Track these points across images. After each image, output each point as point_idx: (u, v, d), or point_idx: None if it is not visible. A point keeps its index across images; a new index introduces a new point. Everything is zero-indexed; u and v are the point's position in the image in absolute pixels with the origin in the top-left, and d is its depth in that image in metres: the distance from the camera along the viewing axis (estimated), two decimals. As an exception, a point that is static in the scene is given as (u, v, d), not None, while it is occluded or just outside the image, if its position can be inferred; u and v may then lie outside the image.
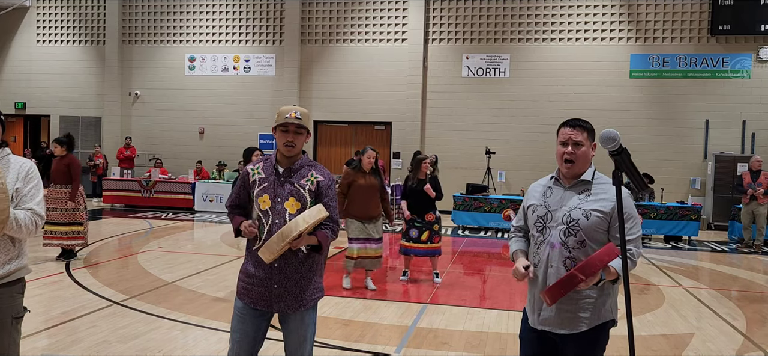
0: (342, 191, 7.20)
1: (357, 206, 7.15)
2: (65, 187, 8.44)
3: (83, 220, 8.62)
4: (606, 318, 2.77)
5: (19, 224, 2.69)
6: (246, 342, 3.07)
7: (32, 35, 19.52)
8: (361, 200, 7.14)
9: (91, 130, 19.21)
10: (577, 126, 2.80)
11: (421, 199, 7.67)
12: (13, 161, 2.85)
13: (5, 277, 2.76)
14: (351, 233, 7.18)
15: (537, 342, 2.86)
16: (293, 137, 3.05)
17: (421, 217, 7.72)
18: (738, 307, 7.16)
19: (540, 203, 2.87)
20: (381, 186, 7.28)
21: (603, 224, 2.72)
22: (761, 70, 15.34)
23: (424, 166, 7.72)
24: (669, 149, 15.72)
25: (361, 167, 7.20)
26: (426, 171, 7.75)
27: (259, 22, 17.95)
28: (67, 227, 8.46)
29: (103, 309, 6.13)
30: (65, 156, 8.49)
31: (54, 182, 8.47)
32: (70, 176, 8.41)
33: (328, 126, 17.83)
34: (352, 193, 7.17)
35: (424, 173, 7.73)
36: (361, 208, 7.15)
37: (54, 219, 8.39)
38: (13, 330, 2.80)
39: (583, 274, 2.55)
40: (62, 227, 8.44)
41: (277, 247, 2.85)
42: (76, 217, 8.50)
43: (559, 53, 16.21)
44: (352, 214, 7.17)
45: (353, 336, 5.52)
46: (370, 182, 7.18)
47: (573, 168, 2.80)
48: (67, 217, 8.44)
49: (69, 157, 8.51)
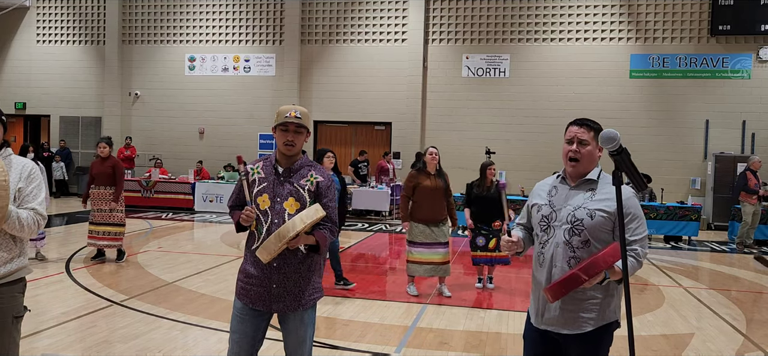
0: (407, 194, 6.97)
1: (423, 209, 6.88)
2: (107, 188, 8.45)
3: (124, 221, 8.70)
4: (610, 318, 2.75)
5: (21, 223, 2.69)
6: (245, 342, 3.07)
7: (32, 35, 19.52)
8: (428, 203, 6.88)
9: (91, 130, 19.21)
10: (584, 125, 2.79)
11: (488, 206, 7.33)
12: (15, 161, 2.85)
13: (6, 276, 2.76)
14: (415, 238, 6.92)
15: (540, 341, 2.85)
16: (293, 136, 3.05)
17: (487, 225, 7.40)
18: (738, 307, 7.16)
19: (545, 202, 2.86)
20: (447, 189, 7.03)
21: (607, 224, 2.70)
22: (761, 70, 15.34)
23: (489, 172, 7.41)
24: (669, 149, 15.72)
25: (426, 168, 6.94)
26: (492, 178, 7.43)
27: (259, 22, 17.95)
28: (111, 228, 8.50)
29: (103, 309, 6.13)
30: (109, 158, 8.52)
31: (96, 183, 8.48)
32: (114, 177, 8.44)
33: (328, 126, 17.83)
34: (417, 196, 6.90)
35: (490, 180, 7.41)
36: (427, 211, 6.89)
37: (98, 219, 8.45)
38: (13, 329, 2.80)
39: (586, 274, 2.54)
40: (106, 227, 8.49)
41: (274, 247, 2.85)
42: (119, 218, 8.56)
43: (559, 53, 16.20)
44: (418, 218, 6.91)
45: (353, 336, 5.52)
46: (435, 183, 6.91)
47: (578, 167, 2.79)
48: (110, 218, 8.47)
49: (113, 159, 8.56)
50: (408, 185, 6.99)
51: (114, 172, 8.44)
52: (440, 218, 6.97)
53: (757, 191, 11.57)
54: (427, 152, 6.96)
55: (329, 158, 7.01)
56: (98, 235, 8.51)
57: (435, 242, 6.92)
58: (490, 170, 7.43)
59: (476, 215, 7.42)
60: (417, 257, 6.95)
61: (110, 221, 8.48)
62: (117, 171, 8.48)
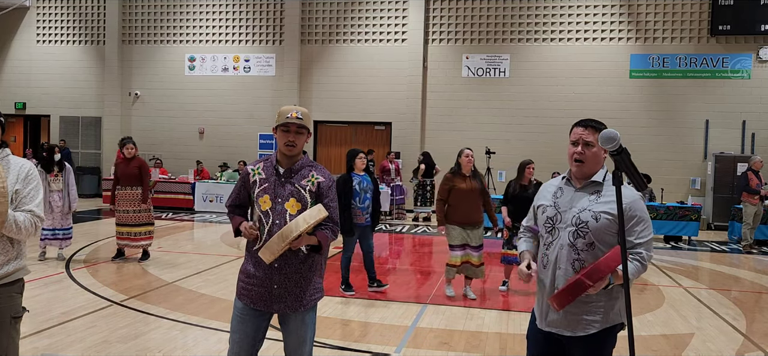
0: (441, 197, 6.90)
1: (459, 212, 6.82)
2: (134, 188, 8.46)
3: (153, 220, 8.73)
4: (615, 321, 2.74)
5: (18, 226, 2.68)
6: (246, 342, 3.07)
7: (32, 35, 19.52)
8: (463, 206, 6.82)
9: (91, 130, 19.21)
10: (589, 126, 2.77)
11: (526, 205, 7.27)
12: (13, 162, 2.84)
13: (4, 277, 2.76)
14: (452, 241, 6.86)
15: (544, 342, 2.84)
16: (294, 137, 3.05)
17: None
18: (738, 307, 7.16)
19: (550, 204, 2.84)
20: (483, 190, 6.97)
21: (612, 226, 2.68)
22: (761, 70, 15.34)
23: (528, 171, 7.29)
24: (669, 149, 15.72)
25: (461, 170, 6.89)
26: (530, 177, 7.31)
27: (259, 22, 17.95)
28: (139, 228, 8.52)
29: (103, 309, 6.13)
30: (134, 158, 8.52)
31: (122, 184, 8.49)
32: (140, 177, 8.45)
33: (328, 126, 17.83)
34: (452, 198, 6.84)
35: (528, 179, 7.30)
36: (463, 214, 6.82)
37: (126, 221, 8.47)
38: (12, 329, 2.80)
39: (591, 280, 2.53)
40: (134, 228, 8.50)
41: (277, 248, 2.85)
42: (147, 217, 8.58)
43: (559, 53, 16.20)
44: (454, 220, 6.85)
45: (353, 336, 5.52)
46: (471, 185, 6.86)
47: (583, 168, 2.77)
48: (139, 218, 8.48)
49: (138, 159, 8.57)
50: (443, 188, 6.92)
51: (140, 172, 8.45)
52: (476, 221, 6.90)
53: (759, 191, 11.57)
54: (463, 154, 6.91)
55: (361, 159, 7.03)
56: (126, 236, 8.53)
57: (467, 244, 6.86)
58: (529, 168, 7.32)
59: (514, 215, 7.27)
60: (457, 260, 6.87)
61: (139, 221, 8.49)
62: (143, 171, 8.49)
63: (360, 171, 7.09)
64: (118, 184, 8.54)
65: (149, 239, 8.68)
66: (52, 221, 8.48)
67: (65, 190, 8.56)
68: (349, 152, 7.16)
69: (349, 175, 7.00)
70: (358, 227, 6.97)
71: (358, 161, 7.03)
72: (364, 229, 7.06)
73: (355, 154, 7.06)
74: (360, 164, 7.04)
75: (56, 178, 8.51)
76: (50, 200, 8.44)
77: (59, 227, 8.53)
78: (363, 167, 7.07)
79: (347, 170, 7.08)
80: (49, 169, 8.50)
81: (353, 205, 6.90)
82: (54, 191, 8.49)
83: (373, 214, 7.12)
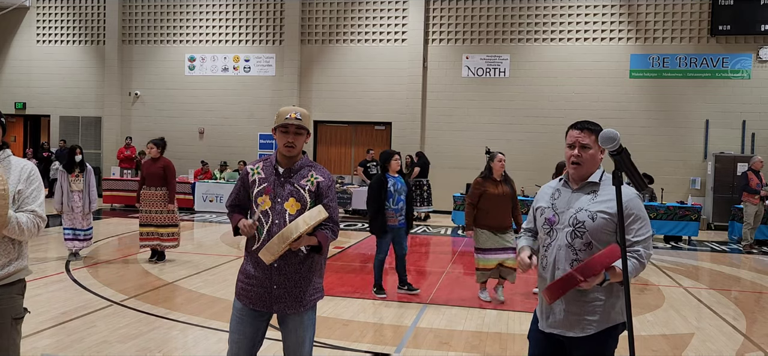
0: (472, 201, 6.83)
1: (490, 216, 6.75)
2: (158, 189, 8.45)
3: (178, 221, 8.71)
4: (615, 321, 2.74)
5: (21, 226, 2.68)
6: (245, 342, 3.06)
7: (32, 35, 19.52)
8: (495, 210, 6.75)
9: (91, 130, 19.22)
10: (585, 129, 2.79)
11: None
12: (14, 162, 2.84)
13: (5, 278, 2.76)
14: (483, 244, 6.78)
15: (545, 342, 2.85)
16: (293, 137, 3.05)
17: None
18: (738, 307, 7.16)
19: (548, 205, 2.87)
20: (513, 194, 6.92)
21: (609, 225, 2.70)
22: (761, 70, 15.34)
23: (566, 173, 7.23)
24: (669, 149, 15.72)
25: (492, 174, 6.80)
26: None
27: (259, 22, 17.95)
28: (164, 229, 8.52)
29: (103, 309, 6.13)
30: (159, 158, 8.50)
31: (148, 184, 8.48)
32: (164, 178, 8.43)
33: (328, 126, 17.83)
34: (483, 203, 6.77)
35: None
36: (493, 218, 6.75)
37: (150, 221, 8.46)
38: (12, 331, 2.80)
39: (582, 275, 2.53)
40: (159, 228, 8.50)
41: (277, 249, 2.85)
42: (172, 219, 8.57)
43: (559, 53, 16.20)
44: (484, 224, 6.78)
45: (353, 336, 5.52)
46: (502, 190, 6.80)
47: (580, 170, 2.80)
48: (163, 219, 8.48)
49: (163, 159, 8.53)
50: (474, 192, 6.83)
51: (164, 173, 8.43)
52: (506, 225, 6.85)
53: (759, 191, 11.57)
54: (496, 158, 6.82)
55: (396, 161, 6.94)
56: (151, 236, 8.52)
57: (505, 247, 6.78)
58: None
59: None
60: (486, 264, 6.82)
61: (164, 222, 8.48)
62: (168, 172, 8.47)
63: (394, 173, 6.98)
64: (144, 184, 8.54)
65: (173, 242, 8.63)
66: (73, 221, 8.48)
67: (86, 190, 8.54)
68: (383, 153, 7.06)
69: (384, 176, 6.91)
70: (391, 229, 6.89)
71: (392, 163, 6.92)
72: (397, 231, 6.98)
73: (390, 155, 6.95)
74: (395, 165, 6.93)
75: (77, 178, 8.50)
76: (71, 201, 8.42)
77: (80, 227, 8.54)
78: (398, 168, 6.96)
79: (381, 171, 6.99)
80: (70, 169, 8.49)
81: (387, 207, 6.83)
82: (75, 191, 8.48)
83: (407, 216, 7.04)
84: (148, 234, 8.52)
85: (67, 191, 8.44)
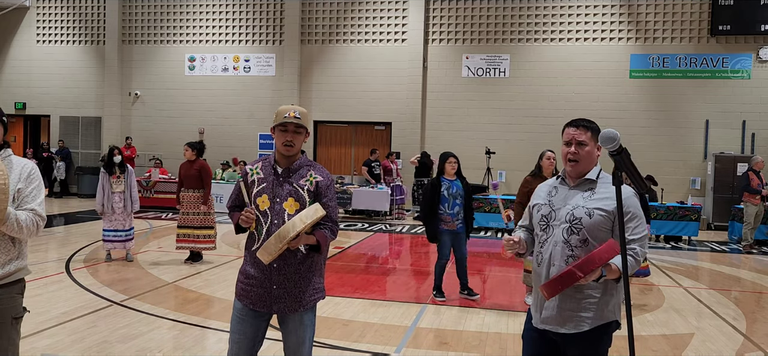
0: (522, 200, 6.58)
1: None
2: (195, 191, 8.48)
3: (214, 224, 8.72)
4: (609, 318, 2.75)
5: (19, 224, 2.69)
6: (245, 343, 3.06)
7: (32, 35, 19.52)
8: None
9: (91, 130, 19.21)
10: (581, 126, 2.81)
11: None
12: (15, 162, 2.85)
13: (5, 278, 2.76)
14: None
15: (539, 341, 2.85)
16: (292, 136, 3.05)
17: None
18: (738, 307, 7.16)
19: (544, 202, 2.88)
20: None
21: (606, 222, 2.72)
22: (761, 70, 15.33)
23: None
24: (669, 149, 15.71)
25: (541, 173, 6.64)
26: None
27: (259, 22, 17.95)
28: (200, 231, 8.53)
29: (103, 309, 6.13)
30: (195, 161, 8.54)
31: (185, 186, 8.52)
32: (201, 180, 8.46)
33: (328, 126, 17.83)
34: None
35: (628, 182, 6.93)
36: None
37: (187, 223, 8.49)
38: (12, 330, 2.80)
39: (581, 271, 2.54)
40: (195, 230, 8.51)
41: (275, 248, 2.84)
42: (208, 221, 8.59)
43: (559, 53, 16.20)
44: None
45: (353, 336, 5.52)
46: None
47: (577, 168, 2.81)
48: (199, 221, 8.49)
49: (199, 161, 8.57)
50: (523, 191, 6.60)
51: (200, 174, 8.46)
52: None
53: (760, 191, 11.57)
54: (545, 156, 6.64)
55: (451, 164, 6.79)
56: (187, 238, 8.54)
57: None
58: None
59: None
60: None
61: (201, 224, 8.50)
62: (204, 174, 8.49)
63: (450, 176, 6.83)
64: (182, 186, 8.58)
65: (209, 243, 8.61)
66: (114, 222, 8.50)
67: (127, 192, 8.55)
68: (440, 155, 6.89)
69: (439, 179, 6.79)
70: (446, 234, 6.76)
71: (447, 166, 6.77)
72: (456, 236, 6.83)
73: (446, 158, 6.79)
74: (449, 168, 6.77)
75: (118, 180, 8.51)
76: (112, 202, 8.44)
77: (121, 228, 8.55)
78: (453, 171, 6.80)
79: (437, 174, 6.86)
80: (111, 171, 8.51)
81: (441, 211, 6.71)
82: (115, 192, 8.48)
83: (466, 220, 6.87)
84: (185, 236, 8.55)
85: (108, 193, 8.46)
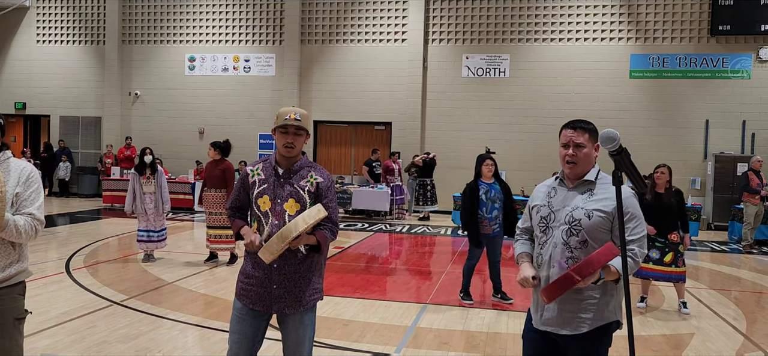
0: None
1: None
2: (218, 191, 8.46)
3: None
4: (609, 319, 2.75)
5: (18, 229, 2.69)
6: (245, 342, 3.07)
7: (32, 35, 19.52)
8: None
9: (91, 130, 19.21)
10: (578, 128, 2.80)
11: (661, 215, 6.56)
12: (13, 164, 2.84)
13: (6, 280, 2.76)
14: None
15: (540, 342, 2.85)
16: (293, 138, 3.05)
17: (663, 236, 6.63)
18: (738, 307, 7.16)
19: (544, 204, 2.88)
20: None
21: (605, 224, 2.72)
22: (761, 70, 15.33)
23: (658, 176, 6.63)
24: (669, 149, 15.71)
25: None
26: (664, 182, 6.62)
27: (259, 22, 17.95)
28: (225, 232, 8.48)
29: (103, 309, 6.13)
30: (220, 160, 8.53)
31: (209, 186, 8.52)
32: (224, 180, 8.44)
33: (328, 126, 17.83)
34: None
35: (664, 186, 6.62)
36: None
37: (214, 223, 8.46)
38: (15, 331, 2.80)
39: (580, 274, 2.54)
40: (221, 230, 8.48)
41: (276, 248, 2.85)
42: None
43: (559, 53, 16.20)
44: None
45: (353, 336, 5.52)
46: None
47: (575, 169, 2.80)
48: (223, 221, 8.44)
49: (224, 162, 8.55)
50: None
51: (224, 175, 8.45)
52: None
53: (760, 191, 11.57)
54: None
55: (488, 166, 6.66)
56: (218, 239, 8.52)
57: None
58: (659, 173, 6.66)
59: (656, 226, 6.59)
60: None
61: (225, 224, 8.43)
62: (227, 175, 8.47)
63: (488, 179, 6.70)
64: (205, 186, 8.58)
65: (230, 243, 8.57)
66: (146, 223, 8.51)
67: (158, 192, 8.55)
68: (478, 158, 6.78)
69: (476, 183, 6.68)
70: (484, 238, 6.68)
71: (484, 169, 6.64)
72: (491, 239, 6.73)
73: (482, 160, 6.66)
74: (487, 171, 6.64)
75: (148, 181, 8.52)
76: (143, 204, 8.44)
77: (153, 229, 8.56)
78: (490, 174, 6.67)
79: (474, 177, 6.73)
80: (141, 171, 8.51)
81: (480, 215, 6.60)
82: (146, 193, 8.50)
83: (505, 224, 6.72)
84: (216, 236, 8.52)
85: (139, 194, 8.46)
